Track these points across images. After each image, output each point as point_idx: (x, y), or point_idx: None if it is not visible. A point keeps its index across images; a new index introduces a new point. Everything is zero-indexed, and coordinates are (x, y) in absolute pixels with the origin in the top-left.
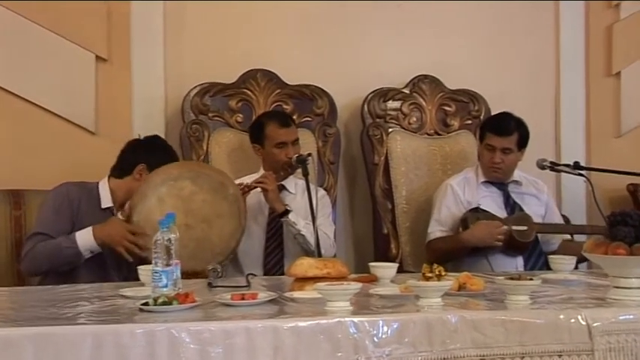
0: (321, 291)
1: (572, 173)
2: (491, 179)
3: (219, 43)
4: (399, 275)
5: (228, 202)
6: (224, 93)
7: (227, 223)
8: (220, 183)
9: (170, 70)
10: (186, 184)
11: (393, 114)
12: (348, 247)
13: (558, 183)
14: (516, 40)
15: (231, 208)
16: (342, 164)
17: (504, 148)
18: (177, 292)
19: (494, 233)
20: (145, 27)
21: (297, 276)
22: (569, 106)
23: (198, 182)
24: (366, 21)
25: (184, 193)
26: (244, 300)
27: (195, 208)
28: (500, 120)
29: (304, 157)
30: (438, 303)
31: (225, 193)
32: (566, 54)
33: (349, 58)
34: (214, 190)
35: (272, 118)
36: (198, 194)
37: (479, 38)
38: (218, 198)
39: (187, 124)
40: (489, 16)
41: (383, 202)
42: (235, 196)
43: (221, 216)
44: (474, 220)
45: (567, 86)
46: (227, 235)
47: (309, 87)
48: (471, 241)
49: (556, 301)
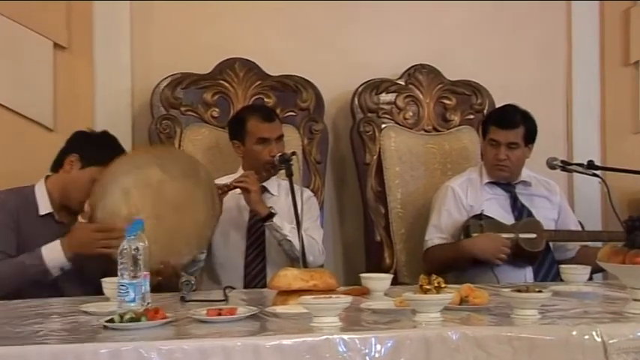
0: (307, 305)
1: (586, 173)
2: (497, 179)
3: (193, 29)
4: (393, 287)
5: (200, 188)
6: (198, 85)
7: (201, 211)
8: (191, 167)
9: (137, 60)
10: (154, 172)
11: (386, 108)
12: (336, 257)
13: (570, 184)
14: (523, 25)
15: (204, 194)
16: (329, 164)
17: (509, 143)
18: (146, 307)
19: (498, 250)
20: (109, 11)
21: (280, 289)
22: (582, 99)
23: (167, 168)
24: (357, 5)
25: (152, 181)
26: (221, 316)
27: (165, 196)
28: (504, 112)
29: (288, 156)
30: (437, 318)
31: (196, 177)
32: (578, 41)
33: (337, 46)
34: (185, 176)
35: (254, 111)
36: (168, 181)
37: (482, 24)
38: (189, 184)
39: (157, 120)
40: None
41: (375, 206)
42: (207, 180)
43: (194, 203)
44: (477, 227)
45: (580, 77)
46: (201, 223)
47: (292, 78)
48: (472, 251)
49: (568, 315)
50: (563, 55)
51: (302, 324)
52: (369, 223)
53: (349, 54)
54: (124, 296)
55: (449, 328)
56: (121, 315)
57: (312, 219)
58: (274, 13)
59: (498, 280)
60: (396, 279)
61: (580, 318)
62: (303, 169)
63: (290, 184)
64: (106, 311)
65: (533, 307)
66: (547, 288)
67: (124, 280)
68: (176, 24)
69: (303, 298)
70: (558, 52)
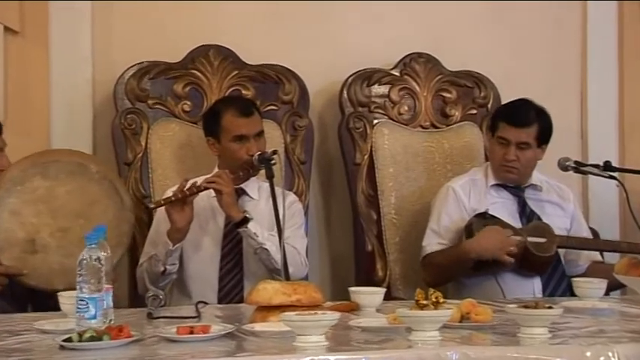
0: (290, 323)
1: (602, 176)
2: (504, 181)
3: (163, 13)
4: (386, 303)
5: (96, 183)
6: (167, 75)
7: (107, 207)
8: (77, 164)
9: (99, 46)
10: (38, 182)
11: (379, 102)
12: (322, 268)
13: (585, 188)
14: (533, 10)
15: (103, 188)
16: (315, 164)
17: (520, 143)
18: (109, 324)
19: (506, 244)
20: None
21: (259, 304)
22: (598, 93)
23: (51, 173)
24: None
25: (40, 193)
26: (193, 334)
27: (61, 205)
28: (517, 107)
29: (268, 155)
30: (435, 337)
31: (87, 174)
32: (594, 29)
33: (325, 32)
34: (73, 175)
35: (230, 105)
36: (57, 187)
37: (486, 8)
38: (82, 182)
39: (121, 114)
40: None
41: (366, 211)
42: (102, 172)
43: (95, 202)
44: (481, 227)
45: (596, 68)
46: (113, 221)
47: (273, 68)
48: (476, 251)
49: (582, 334)
50: (578, 43)
51: (284, 344)
52: (359, 231)
53: (337, 41)
54: (84, 312)
55: (448, 348)
56: (80, 333)
57: (295, 226)
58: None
59: (504, 293)
60: (390, 293)
61: (595, 337)
62: (285, 170)
63: (270, 186)
64: (63, 329)
65: (543, 325)
66: (558, 303)
67: (83, 294)
68: (143, 7)
69: (284, 314)
70: (572, 40)
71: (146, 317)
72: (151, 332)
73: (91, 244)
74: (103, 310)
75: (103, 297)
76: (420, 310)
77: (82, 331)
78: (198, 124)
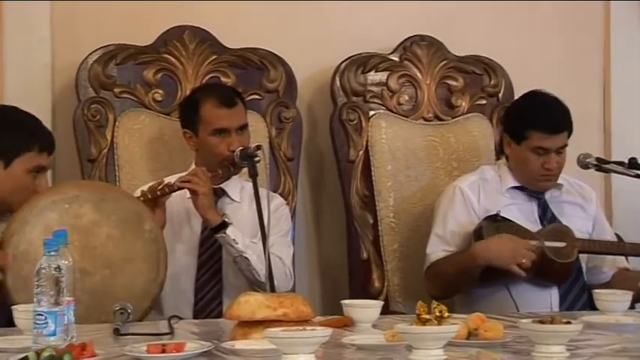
0: (275, 340)
1: (627, 174)
2: (541, 189)
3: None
4: (383, 317)
5: (143, 242)
6: (137, 59)
7: (140, 272)
8: (135, 213)
9: (60, 26)
10: (87, 211)
11: (375, 91)
12: (312, 279)
13: (607, 187)
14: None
15: (147, 251)
16: (304, 161)
17: (559, 148)
18: (70, 341)
19: (519, 254)
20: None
21: (241, 319)
22: (622, 82)
23: (104, 209)
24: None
25: (83, 222)
26: (165, 353)
27: (96, 245)
28: (549, 112)
29: (251, 150)
30: (439, 356)
31: (140, 227)
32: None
33: (314, 12)
34: (125, 222)
35: (210, 93)
36: (102, 226)
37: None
38: (129, 234)
39: (84, 104)
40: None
41: (362, 214)
42: (153, 234)
43: (132, 261)
44: (492, 231)
45: (620, 54)
46: (139, 289)
47: (257, 52)
48: (484, 257)
49: (604, 353)
50: (600, 26)
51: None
52: (353, 237)
53: (329, 22)
54: (42, 328)
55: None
56: (37, 352)
57: (281, 233)
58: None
59: (517, 305)
60: (387, 307)
61: (618, 356)
62: (270, 168)
63: (254, 186)
64: (18, 347)
65: (560, 342)
66: (577, 318)
67: (41, 307)
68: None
69: (269, 330)
70: (593, 23)
71: (112, 334)
72: (117, 351)
73: (51, 251)
74: (64, 325)
75: (63, 311)
76: (421, 325)
77: (40, 350)
78: (172, 116)
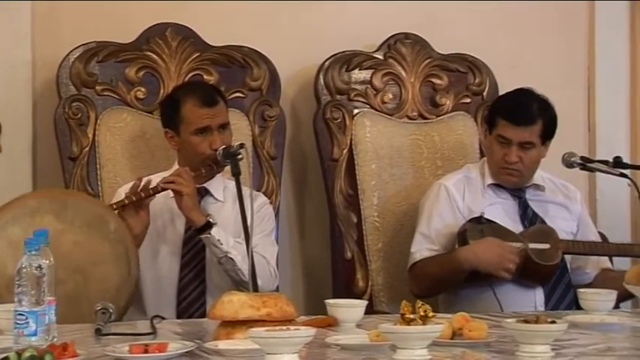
0: (259, 340)
1: (612, 173)
2: (503, 184)
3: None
4: (367, 317)
5: (109, 243)
6: (118, 57)
7: (110, 272)
8: (98, 216)
9: (41, 23)
10: (49, 220)
11: (359, 89)
12: (296, 279)
13: (592, 187)
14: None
15: (115, 251)
16: (287, 160)
17: (523, 143)
18: (52, 342)
19: (505, 260)
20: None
21: (224, 319)
22: (607, 81)
23: (66, 217)
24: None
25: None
26: (148, 353)
27: (63, 253)
28: (518, 102)
29: (234, 149)
30: (424, 356)
31: (105, 229)
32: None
33: (298, 10)
34: (89, 227)
35: (192, 92)
36: (67, 234)
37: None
38: (95, 237)
39: (65, 102)
40: None
41: (345, 213)
42: (120, 234)
43: (101, 262)
44: (476, 233)
45: (605, 53)
46: (112, 289)
47: (240, 50)
48: (470, 262)
49: (589, 352)
50: (585, 25)
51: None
52: (336, 236)
53: (313, 20)
54: (23, 328)
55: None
56: (18, 352)
57: (264, 233)
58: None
59: (501, 305)
60: (371, 306)
61: (603, 356)
62: (253, 167)
63: (237, 185)
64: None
65: (545, 342)
66: (562, 318)
67: (22, 307)
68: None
69: (252, 330)
70: (578, 22)
71: (94, 334)
72: (99, 351)
73: (31, 251)
74: (45, 325)
75: (44, 311)
76: (406, 325)
77: (21, 350)
78: (154, 114)
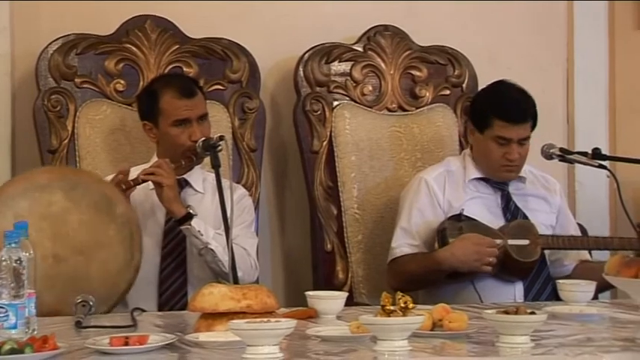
0: (239, 332)
1: (591, 165)
2: (504, 179)
3: None
4: (348, 309)
5: (115, 226)
6: (98, 49)
7: (114, 256)
8: (106, 198)
9: (20, 15)
10: (57, 198)
11: (339, 81)
12: (276, 271)
13: (571, 178)
14: None
15: (121, 235)
16: (267, 152)
17: (522, 139)
18: (32, 334)
19: (483, 254)
20: None
21: (204, 310)
22: (585, 71)
23: (74, 196)
24: None
25: (54, 209)
26: (128, 346)
27: (68, 232)
28: (513, 101)
29: (214, 141)
30: (404, 347)
31: (112, 212)
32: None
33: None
34: (96, 208)
35: (169, 84)
36: (74, 212)
37: None
38: (102, 219)
39: (44, 94)
40: None
41: (325, 206)
42: (126, 217)
43: (105, 245)
44: (455, 231)
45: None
46: (113, 272)
47: (220, 42)
48: (449, 263)
49: (568, 343)
50: (563, 15)
51: (232, 355)
52: (316, 228)
53: (292, 12)
54: (3, 321)
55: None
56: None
57: (244, 224)
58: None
59: (481, 299)
60: (352, 298)
61: (582, 346)
62: (233, 158)
63: (217, 177)
64: None
65: (524, 332)
66: (541, 309)
67: (2, 300)
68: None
69: (233, 322)
70: (557, 13)
71: (74, 326)
72: (79, 344)
73: (11, 243)
74: (25, 318)
75: (24, 303)
76: (386, 316)
77: (1, 343)
78: (134, 106)
